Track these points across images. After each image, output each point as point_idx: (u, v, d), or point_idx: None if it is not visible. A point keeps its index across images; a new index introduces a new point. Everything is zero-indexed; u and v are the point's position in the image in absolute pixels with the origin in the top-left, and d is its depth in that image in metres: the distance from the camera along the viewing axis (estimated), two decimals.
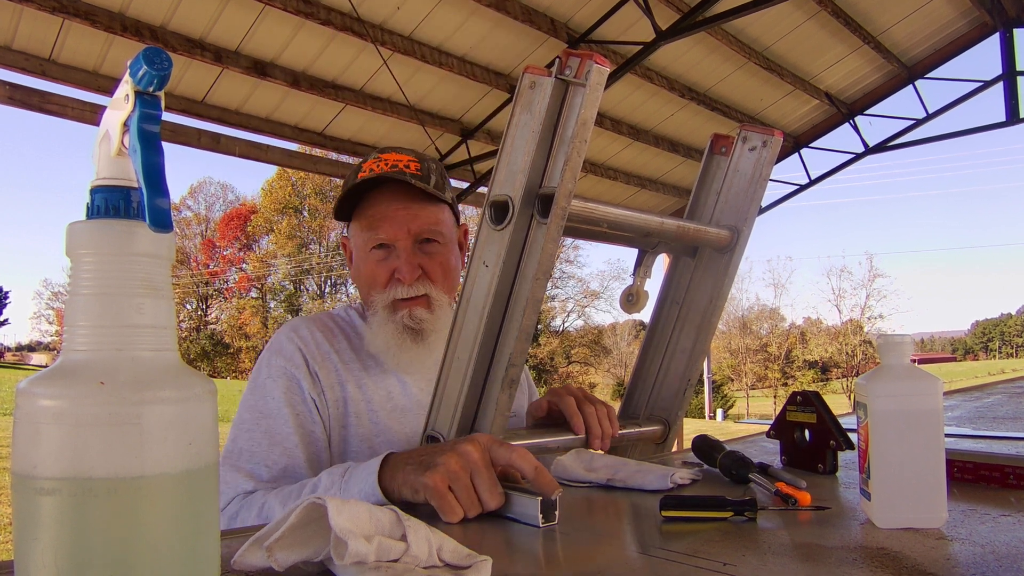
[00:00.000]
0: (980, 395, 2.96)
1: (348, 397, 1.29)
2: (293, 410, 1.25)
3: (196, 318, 41.99)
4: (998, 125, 7.27)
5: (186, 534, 0.48)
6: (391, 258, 1.32)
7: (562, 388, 1.33)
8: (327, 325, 1.38)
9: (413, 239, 1.32)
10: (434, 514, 0.90)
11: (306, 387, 1.27)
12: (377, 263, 1.33)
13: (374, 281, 1.34)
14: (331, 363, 1.31)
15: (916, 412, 0.83)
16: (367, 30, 5.02)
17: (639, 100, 6.86)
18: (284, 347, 1.31)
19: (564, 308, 38.34)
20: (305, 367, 1.29)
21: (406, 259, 1.31)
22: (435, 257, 1.34)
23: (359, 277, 1.38)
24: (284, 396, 1.25)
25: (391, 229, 1.31)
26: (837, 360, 32.89)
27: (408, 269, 1.30)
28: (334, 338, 1.35)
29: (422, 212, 1.32)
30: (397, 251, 1.32)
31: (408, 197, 1.32)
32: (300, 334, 1.33)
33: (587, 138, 1.05)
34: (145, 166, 0.48)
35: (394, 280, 1.32)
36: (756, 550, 0.76)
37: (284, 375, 1.27)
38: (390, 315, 1.31)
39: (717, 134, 1.47)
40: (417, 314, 1.31)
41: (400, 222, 1.30)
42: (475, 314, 1.09)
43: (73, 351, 0.48)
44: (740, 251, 1.38)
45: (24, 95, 4.73)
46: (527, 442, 1.22)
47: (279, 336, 1.35)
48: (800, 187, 8.72)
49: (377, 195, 1.33)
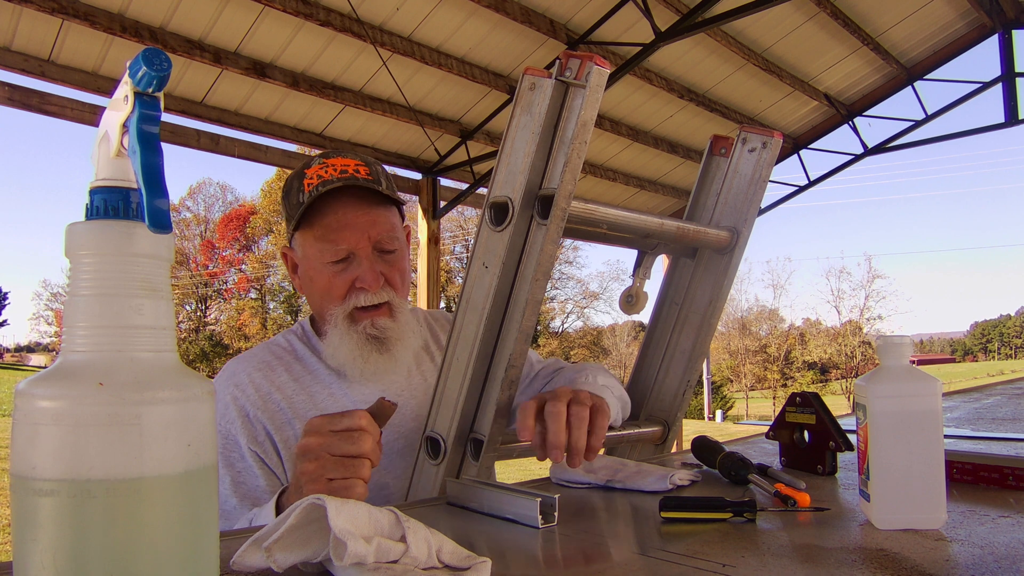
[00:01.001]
0: (979, 396, 2.96)
1: (296, 433, 1.23)
2: (231, 470, 1.20)
3: (195, 319, 41.97)
4: (997, 126, 7.27)
5: (185, 535, 0.48)
6: (351, 268, 1.26)
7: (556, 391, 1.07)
8: (264, 361, 1.31)
9: (373, 246, 1.27)
10: (430, 515, 0.90)
11: (243, 443, 1.21)
12: (335, 274, 1.26)
13: (330, 293, 1.27)
14: (274, 403, 1.26)
15: (915, 413, 0.83)
16: (367, 31, 5.02)
17: (639, 101, 6.86)
18: (219, 402, 1.24)
19: (563, 309, 38.36)
20: (242, 420, 1.23)
21: (368, 267, 1.25)
22: (395, 264, 1.30)
23: (311, 289, 1.31)
24: (220, 455, 1.19)
25: (351, 237, 1.25)
26: (836, 361, 32.92)
27: (371, 277, 1.25)
28: (273, 373, 1.29)
29: (379, 218, 1.27)
30: (358, 259, 1.26)
31: (364, 203, 1.27)
32: (236, 381, 1.27)
33: (587, 139, 1.05)
34: (144, 167, 0.48)
35: (354, 289, 1.26)
36: (755, 551, 0.76)
37: (219, 433, 1.21)
38: (350, 326, 1.26)
39: (717, 135, 1.47)
40: (380, 323, 1.27)
41: (360, 229, 1.25)
42: (475, 315, 1.09)
43: (72, 352, 0.48)
44: (739, 252, 1.38)
45: (23, 96, 4.73)
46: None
47: (216, 387, 1.27)
48: (799, 188, 8.72)
49: (330, 203, 1.26)
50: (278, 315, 40.57)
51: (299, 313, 40.17)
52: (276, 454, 1.23)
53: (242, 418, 1.23)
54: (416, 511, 0.94)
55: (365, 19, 5.01)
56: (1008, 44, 6.95)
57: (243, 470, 1.21)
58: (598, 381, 1.25)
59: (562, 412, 1.00)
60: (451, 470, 1.12)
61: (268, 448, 1.23)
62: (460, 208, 9.18)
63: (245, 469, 1.21)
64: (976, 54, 7.37)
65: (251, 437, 1.22)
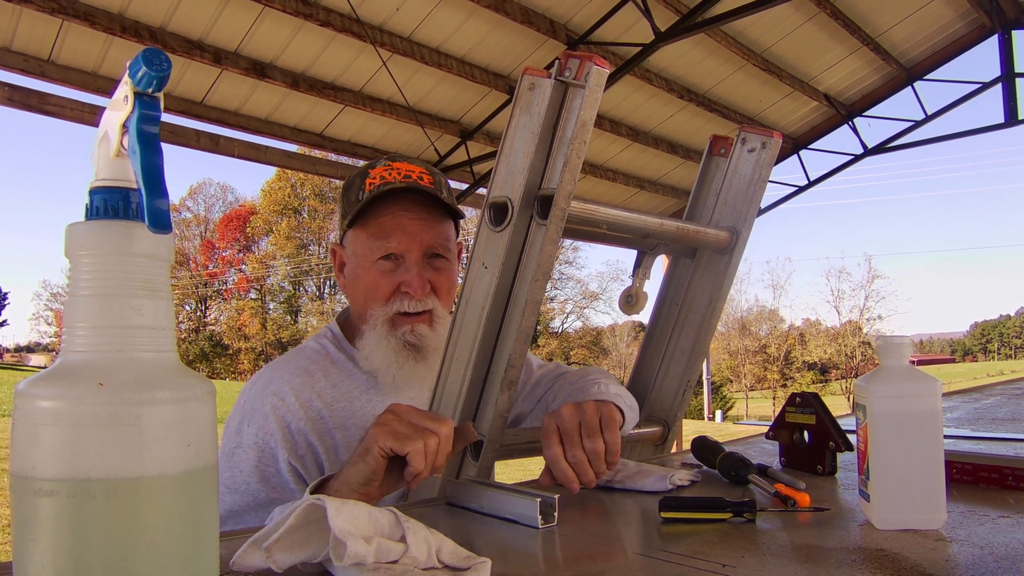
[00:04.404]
0: (979, 396, 2.96)
1: (338, 444, 1.21)
2: (266, 486, 1.17)
3: (195, 319, 41.96)
4: (997, 126, 7.28)
5: (185, 535, 0.48)
6: (399, 270, 1.25)
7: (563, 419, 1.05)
8: (302, 366, 1.28)
9: (423, 252, 1.26)
10: (430, 515, 0.90)
11: (283, 456, 1.18)
12: (382, 274, 1.25)
13: (375, 293, 1.26)
14: (315, 411, 1.22)
15: (915, 413, 0.83)
16: (366, 31, 5.02)
17: (638, 101, 6.86)
18: (257, 413, 1.21)
19: (563, 309, 38.38)
20: (283, 433, 1.19)
21: (417, 272, 1.24)
22: (443, 273, 1.28)
23: (356, 287, 1.30)
24: (255, 469, 1.17)
25: (403, 240, 1.24)
26: (836, 361, 32.92)
27: (419, 283, 1.24)
28: (312, 379, 1.26)
29: (435, 226, 1.27)
30: (406, 264, 1.25)
31: (422, 209, 1.26)
32: (275, 390, 1.23)
33: (586, 139, 1.05)
34: (144, 167, 0.48)
35: (399, 293, 1.25)
36: (755, 551, 0.76)
37: (255, 447, 1.18)
38: (390, 330, 1.24)
39: (716, 135, 1.47)
40: (420, 331, 1.25)
41: (413, 234, 1.24)
42: (474, 315, 1.09)
43: (72, 352, 0.48)
44: (739, 252, 1.38)
45: (23, 96, 4.73)
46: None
47: (252, 396, 1.24)
48: (799, 188, 8.72)
49: (388, 204, 1.25)
50: (278, 315, 40.55)
51: (299, 314, 40.13)
52: (317, 467, 1.20)
53: (283, 430, 1.19)
54: (416, 511, 0.94)
55: (365, 19, 5.01)
56: (1008, 44, 6.95)
57: (278, 486, 1.17)
58: (610, 390, 1.21)
59: (583, 459, 1.03)
60: (451, 470, 1.12)
61: (309, 462, 1.20)
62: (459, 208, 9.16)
63: (281, 485, 1.18)
64: (976, 54, 7.38)
65: (292, 451, 1.19)
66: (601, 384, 1.22)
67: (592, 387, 1.21)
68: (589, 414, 1.05)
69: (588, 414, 1.04)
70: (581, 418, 1.04)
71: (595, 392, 1.19)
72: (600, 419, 1.05)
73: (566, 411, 1.05)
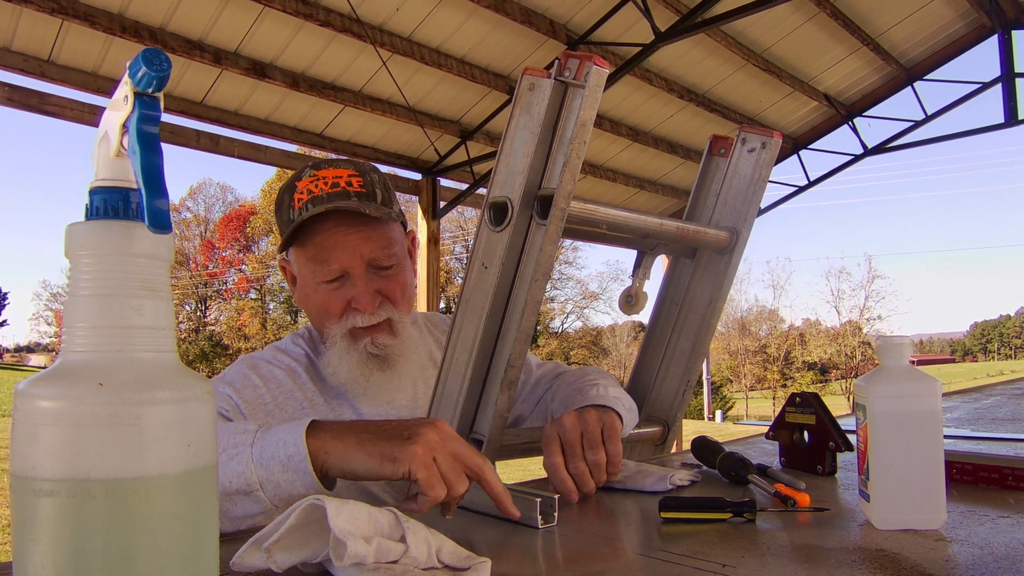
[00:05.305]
0: (979, 396, 2.96)
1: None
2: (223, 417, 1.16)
3: (195, 319, 41.95)
4: (997, 127, 7.27)
5: (185, 535, 0.48)
6: (345, 287, 1.21)
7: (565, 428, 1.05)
8: (288, 365, 1.27)
9: (367, 265, 1.21)
10: (430, 515, 0.89)
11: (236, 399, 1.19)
12: (330, 293, 1.22)
13: (327, 312, 1.23)
14: (295, 400, 1.23)
15: (915, 413, 0.83)
16: (366, 31, 5.02)
17: (638, 101, 6.86)
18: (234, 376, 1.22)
19: (563, 309, 38.35)
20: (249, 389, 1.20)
21: (363, 288, 1.20)
22: (392, 279, 1.24)
23: (308, 306, 1.27)
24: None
25: (343, 257, 1.19)
26: (836, 361, 32.92)
27: (367, 299, 1.20)
28: (296, 376, 1.26)
29: (373, 233, 1.21)
30: (352, 279, 1.20)
31: (356, 219, 1.20)
32: (260, 371, 1.24)
33: (586, 139, 1.05)
34: (144, 167, 0.48)
35: (351, 309, 1.22)
36: (755, 551, 0.76)
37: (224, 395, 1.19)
38: (351, 344, 1.22)
39: (716, 135, 1.47)
40: (380, 340, 1.22)
41: (352, 248, 1.19)
42: (474, 315, 1.09)
43: (72, 352, 0.48)
44: (739, 252, 1.38)
45: (23, 96, 4.72)
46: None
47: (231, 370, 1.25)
48: (799, 188, 8.72)
49: (321, 220, 1.19)
50: (278, 315, 40.54)
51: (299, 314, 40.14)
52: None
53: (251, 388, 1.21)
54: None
55: (365, 19, 5.01)
56: (1008, 44, 6.95)
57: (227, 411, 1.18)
58: (609, 393, 1.19)
59: (585, 470, 1.04)
60: None
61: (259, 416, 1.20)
62: (460, 208, 9.18)
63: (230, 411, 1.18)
64: (976, 54, 7.37)
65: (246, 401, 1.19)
66: (600, 386, 1.22)
67: (591, 389, 1.20)
68: (591, 424, 1.05)
69: (590, 424, 1.05)
70: (583, 428, 1.05)
71: (594, 395, 1.18)
72: (602, 429, 1.05)
73: (568, 421, 1.05)
